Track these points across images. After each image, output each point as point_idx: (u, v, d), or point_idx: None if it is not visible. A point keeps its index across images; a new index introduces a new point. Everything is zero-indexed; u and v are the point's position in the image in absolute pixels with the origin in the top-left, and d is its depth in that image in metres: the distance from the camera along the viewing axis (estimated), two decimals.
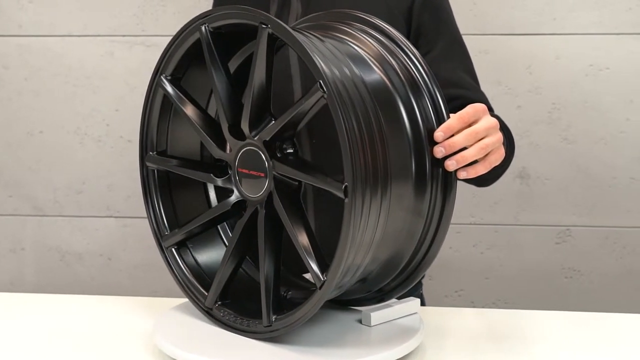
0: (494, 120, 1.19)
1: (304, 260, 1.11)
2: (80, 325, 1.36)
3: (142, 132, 1.35)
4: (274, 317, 1.15)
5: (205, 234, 1.35)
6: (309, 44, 1.06)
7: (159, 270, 2.38)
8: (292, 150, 1.17)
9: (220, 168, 1.30)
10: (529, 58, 2.19)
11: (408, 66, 1.19)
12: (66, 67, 2.31)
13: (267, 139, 1.15)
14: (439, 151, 1.13)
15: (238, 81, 1.28)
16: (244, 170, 1.20)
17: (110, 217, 2.37)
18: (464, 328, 1.35)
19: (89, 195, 2.37)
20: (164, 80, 1.29)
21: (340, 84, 1.05)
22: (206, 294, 1.27)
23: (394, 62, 1.18)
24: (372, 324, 1.24)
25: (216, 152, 1.25)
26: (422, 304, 1.66)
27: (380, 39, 1.22)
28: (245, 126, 1.17)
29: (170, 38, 1.28)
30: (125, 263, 2.40)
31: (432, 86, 1.16)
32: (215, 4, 1.62)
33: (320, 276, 1.09)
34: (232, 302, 1.25)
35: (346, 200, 1.02)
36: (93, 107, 2.33)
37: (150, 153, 1.33)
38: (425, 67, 1.18)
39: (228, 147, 1.23)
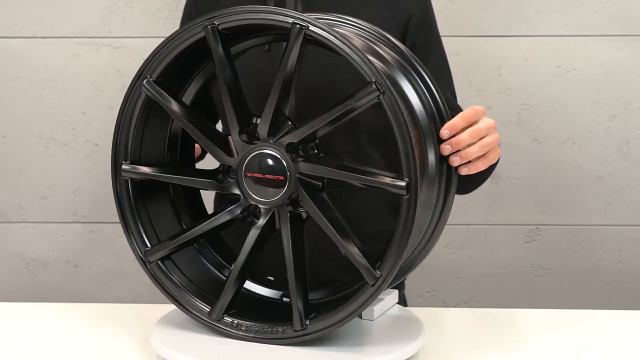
0: (493, 121, 1.26)
1: (350, 258, 1.11)
2: (61, 336, 1.31)
3: (116, 140, 1.22)
4: (307, 321, 1.14)
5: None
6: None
7: (127, 277, 2.34)
8: (315, 152, 1.16)
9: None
10: (498, 60, 2.21)
11: (398, 53, 1.22)
12: (30, 69, 2.25)
13: (295, 141, 1.13)
14: (446, 149, 1.19)
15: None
16: (257, 175, 1.16)
17: (77, 222, 2.32)
18: (459, 327, 1.36)
19: (54, 201, 2.31)
20: (151, 82, 1.19)
21: (390, 81, 1.07)
22: (203, 306, 1.21)
23: (384, 54, 1.20)
24: (375, 317, 1.26)
25: (221, 158, 1.20)
26: (405, 304, 1.67)
27: (360, 34, 1.24)
28: (264, 129, 1.14)
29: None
30: (93, 270, 2.34)
31: (423, 71, 1.21)
32: (190, 7, 1.58)
33: (374, 272, 1.09)
34: (238, 312, 1.20)
35: (406, 197, 1.06)
36: (58, 110, 2.27)
37: (124, 163, 1.22)
38: (409, 52, 1.23)
39: (235, 152, 1.19)
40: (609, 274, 2.29)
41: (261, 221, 1.18)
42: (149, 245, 1.24)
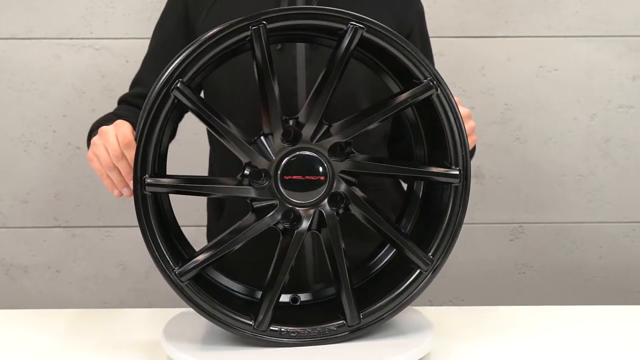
0: (467, 111, 1.36)
1: (404, 246, 1.14)
2: (45, 343, 1.28)
3: (139, 153, 1.13)
4: (360, 315, 1.15)
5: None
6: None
7: (111, 281, 2.30)
8: (350, 150, 1.17)
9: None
10: (482, 60, 2.24)
11: None
12: (9, 71, 2.20)
13: (343, 141, 1.13)
14: None
15: None
16: (297, 177, 1.14)
17: (59, 227, 2.28)
18: (444, 325, 1.39)
19: (35, 205, 2.27)
20: (182, 86, 1.11)
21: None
22: (240, 317, 1.16)
23: None
24: None
25: (261, 162, 1.16)
26: None
27: None
28: (309, 131, 1.14)
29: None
30: (75, 275, 2.30)
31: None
32: (167, 24, 1.55)
33: (427, 259, 1.15)
34: (275, 318, 1.18)
35: (458, 184, 1.15)
36: (39, 112, 2.22)
37: (147, 177, 1.14)
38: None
39: (271, 156, 1.16)
40: (590, 270, 2.33)
41: (305, 224, 1.17)
42: (172, 264, 1.15)
